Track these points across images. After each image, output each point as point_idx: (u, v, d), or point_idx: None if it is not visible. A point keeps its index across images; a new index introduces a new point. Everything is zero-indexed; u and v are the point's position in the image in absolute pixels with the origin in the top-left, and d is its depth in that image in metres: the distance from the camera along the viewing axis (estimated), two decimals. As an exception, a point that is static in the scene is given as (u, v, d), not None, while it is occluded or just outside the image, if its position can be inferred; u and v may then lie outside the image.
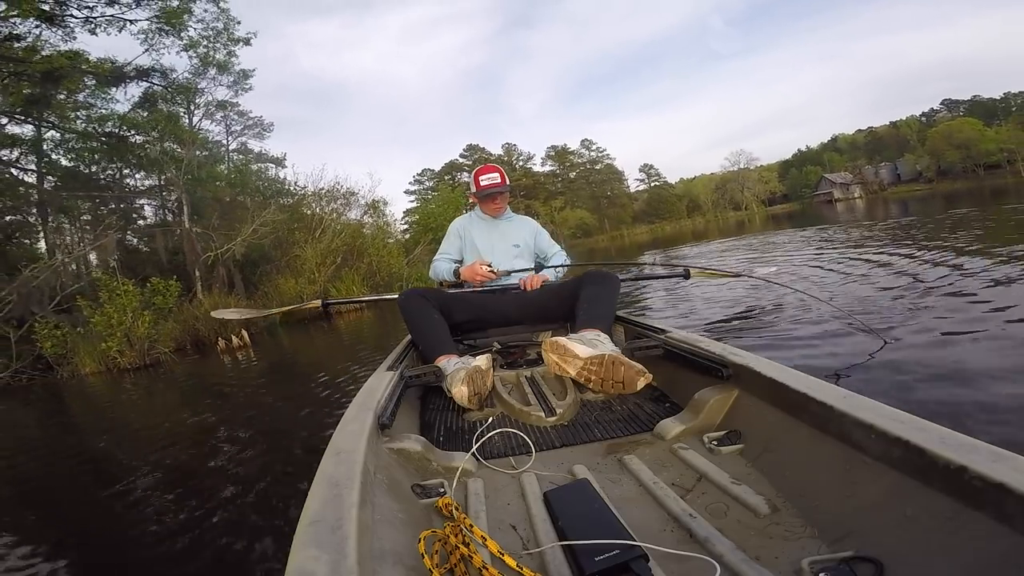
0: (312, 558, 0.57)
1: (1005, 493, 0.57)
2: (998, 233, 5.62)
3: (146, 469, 2.54)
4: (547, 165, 60.72)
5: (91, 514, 2.12)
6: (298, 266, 12.21)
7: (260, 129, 21.40)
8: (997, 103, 57.47)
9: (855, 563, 0.67)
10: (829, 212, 24.56)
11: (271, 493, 1.90)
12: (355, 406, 1.15)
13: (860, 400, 0.86)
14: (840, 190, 54.58)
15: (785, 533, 0.79)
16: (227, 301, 9.86)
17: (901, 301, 2.95)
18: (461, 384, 1.45)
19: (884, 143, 61.66)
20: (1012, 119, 51.85)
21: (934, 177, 51.92)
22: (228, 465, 2.37)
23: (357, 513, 0.66)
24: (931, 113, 63.37)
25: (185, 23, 12.74)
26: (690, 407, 1.24)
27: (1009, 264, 3.44)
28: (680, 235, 17.49)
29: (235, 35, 13.90)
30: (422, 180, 54.70)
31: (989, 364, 1.83)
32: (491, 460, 1.16)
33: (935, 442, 0.68)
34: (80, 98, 12.44)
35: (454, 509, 0.85)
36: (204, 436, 2.97)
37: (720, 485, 0.94)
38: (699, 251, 11.34)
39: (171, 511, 1.90)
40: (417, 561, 0.71)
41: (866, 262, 4.71)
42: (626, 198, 60.93)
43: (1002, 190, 18.88)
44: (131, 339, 7.50)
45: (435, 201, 21.80)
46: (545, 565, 0.76)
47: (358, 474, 0.77)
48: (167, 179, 13.96)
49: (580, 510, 0.84)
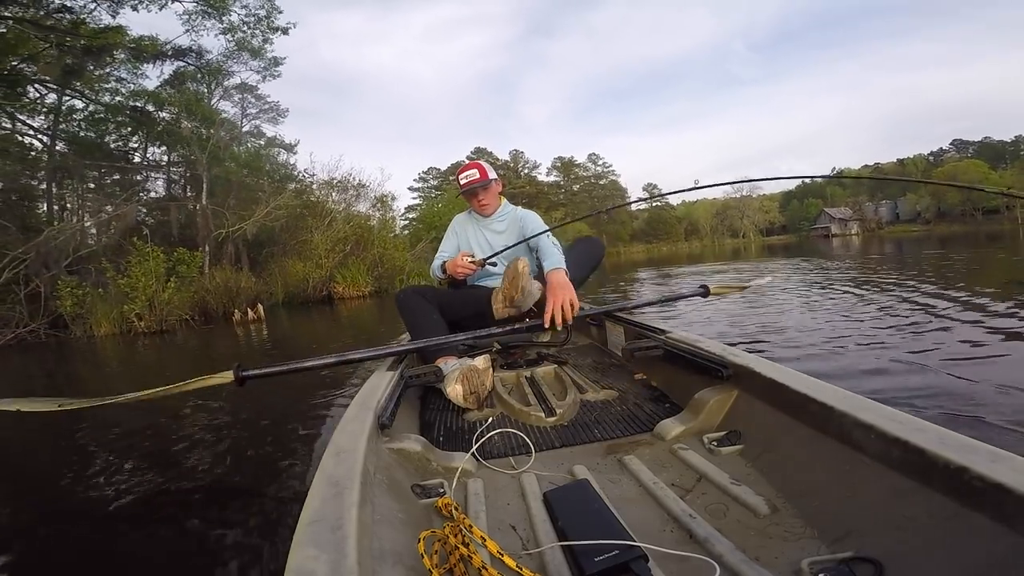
0: (312, 558, 0.58)
1: (1005, 493, 0.58)
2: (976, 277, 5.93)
3: (146, 445, 2.54)
4: (552, 175, 61.26)
5: (75, 494, 2.07)
6: (307, 251, 12.52)
7: (275, 114, 21.59)
8: (1007, 146, 57.83)
9: (855, 563, 0.67)
10: (824, 247, 24.95)
11: (272, 490, 1.87)
12: (355, 406, 1.15)
13: (860, 400, 0.87)
14: (838, 225, 55.65)
15: (785, 533, 0.79)
16: (236, 277, 10.24)
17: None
18: (456, 383, 1.46)
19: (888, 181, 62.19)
20: (1018, 163, 51.76)
21: (932, 219, 52.44)
22: (231, 448, 2.36)
23: (357, 513, 0.67)
24: (940, 152, 63.99)
25: (229, 7, 12.90)
26: (690, 407, 1.25)
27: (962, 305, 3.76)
28: (675, 256, 17.73)
29: (275, 23, 14.02)
30: (427, 178, 55.23)
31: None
32: (491, 460, 1.17)
33: (935, 442, 0.69)
34: (114, 72, 12.62)
35: (454, 509, 0.86)
36: (217, 406, 2.96)
37: (720, 485, 0.94)
38: (693, 271, 11.62)
39: (164, 499, 1.90)
40: (417, 561, 0.71)
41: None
42: (626, 216, 61.26)
43: (997, 235, 19.48)
44: (153, 304, 7.79)
45: (441, 201, 22.18)
46: (545, 565, 0.76)
47: (358, 474, 0.78)
48: (183, 155, 14.27)
49: (580, 510, 0.85)
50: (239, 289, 9.65)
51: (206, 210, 11.96)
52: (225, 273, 10.14)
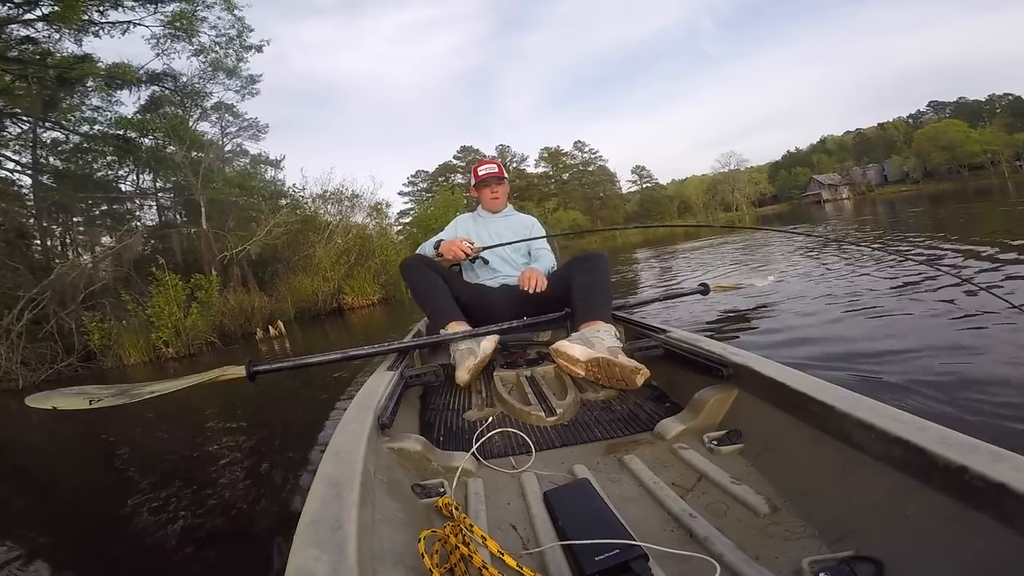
0: (312, 558, 0.58)
1: (1005, 493, 0.58)
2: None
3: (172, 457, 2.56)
4: (540, 167, 60.98)
5: (89, 503, 2.15)
6: (312, 266, 12.63)
7: (256, 131, 21.18)
8: (982, 105, 59.00)
9: (855, 563, 0.68)
10: (817, 213, 25.07)
11: (278, 490, 1.88)
12: (355, 406, 1.15)
13: (860, 400, 0.87)
14: (829, 191, 55.84)
15: (785, 533, 0.80)
16: (249, 297, 10.36)
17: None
18: (466, 372, 1.60)
19: (872, 144, 62.82)
20: (996, 121, 53.47)
21: (920, 178, 53.36)
22: (243, 457, 2.36)
23: (357, 513, 0.67)
24: (918, 115, 64.93)
25: (197, 29, 12.90)
26: (690, 407, 1.25)
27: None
28: (672, 235, 17.78)
29: (247, 42, 14.05)
30: (416, 181, 55.11)
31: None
32: (491, 460, 1.16)
33: (935, 442, 0.69)
34: (88, 101, 12.57)
35: (454, 509, 0.86)
36: (241, 421, 2.97)
37: (720, 485, 0.95)
38: (689, 246, 11.58)
39: (174, 504, 1.88)
40: (417, 561, 0.72)
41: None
42: (618, 199, 61.36)
43: (985, 190, 19.59)
44: (179, 330, 7.98)
45: (434, 204, 22.25)
46: (545, 565, 0.76)
47: (358, 474, 0.78)
48: (176, 181, 14.30)
49: (580, 510, 0.85)
50: (253, 309, 9.81)
51: (208, 234, 12.05)
52: (238, 295, 10.28)
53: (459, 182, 49.76)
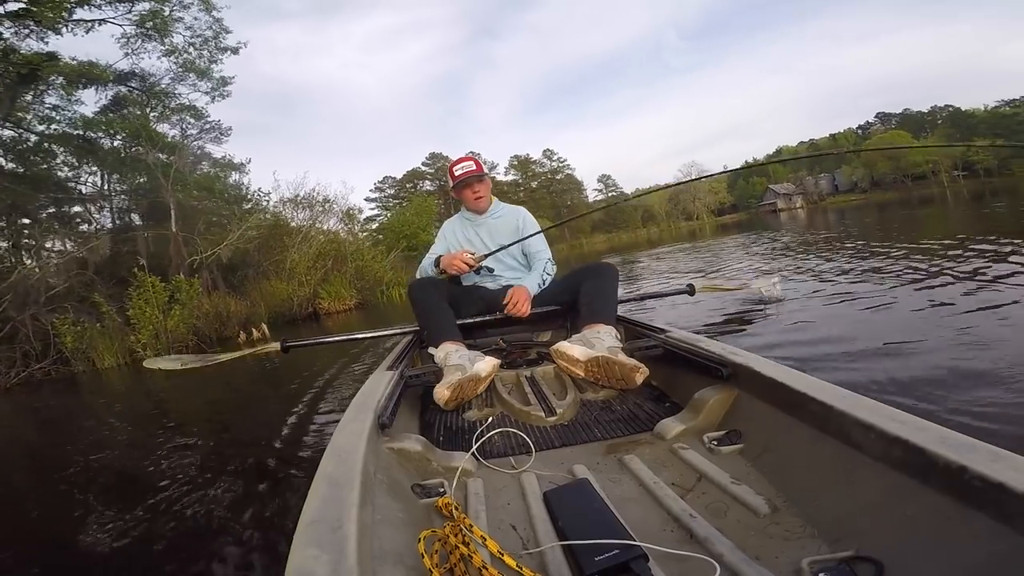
0: (312, 558, 0.58)
1: (1005, 493, 0.58)
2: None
3: (163, 453, 2.52)
4: (511, 174, 61.54)
5: (79, 501, 2.10)
6: (284, 270, 12.55)
7: (218, 133, 20.58)
8: (925, 116, 62.25)
9: (855, 563, 0.68)
10: (773, 221, 25.72)
11: (272, 489, 1.85)
12: (355, 406, 1.15)
13: (860, 400, 0.87)
14: (784, 200, 58.29)
15: (785, 533, 0.80)
16: (225, 301, 10.23)
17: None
18: (446, 389, 1.41)
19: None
20: (937, 131, 56.49)
21: (868, 187, 56.22)
22: (233, 452, 2.34)
23: (357, 513, 0.67)
24: (867, 126, 67.94)
25: (171, 29, 12.64)
26: (690, 407, 1.25)
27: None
28: (635, 243, 18.27)
29: (223, 44, 13.77)
30: (383, 188, 54.91)
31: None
32: (491, 460, 1.16)
33: (935, 442, 0.69)
34: (46, 100, 12.13)
35: (454, 509, 0.86)
36: (229, 423, 2.96)
37: (720, 485, 0.94)
38: (650, 254, 11.89)
39: (169, 502, 1.86)
40: (417, 561, 0.72)
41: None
42: (585, 207, 62.48)
43: (928, 198, 20.83)
44: (158, 332, 7.86)
45: (409, 209, 22.26)
46: (545, 565, 0.76)
47: (358, 474, 0.78)
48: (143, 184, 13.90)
49: (580, 510, 0.85)
50: (229, 313, 9.71)
51: (176, 237, 11.83)
52: (214, 299, 10.15)
53: (427, 188, 49.59)
